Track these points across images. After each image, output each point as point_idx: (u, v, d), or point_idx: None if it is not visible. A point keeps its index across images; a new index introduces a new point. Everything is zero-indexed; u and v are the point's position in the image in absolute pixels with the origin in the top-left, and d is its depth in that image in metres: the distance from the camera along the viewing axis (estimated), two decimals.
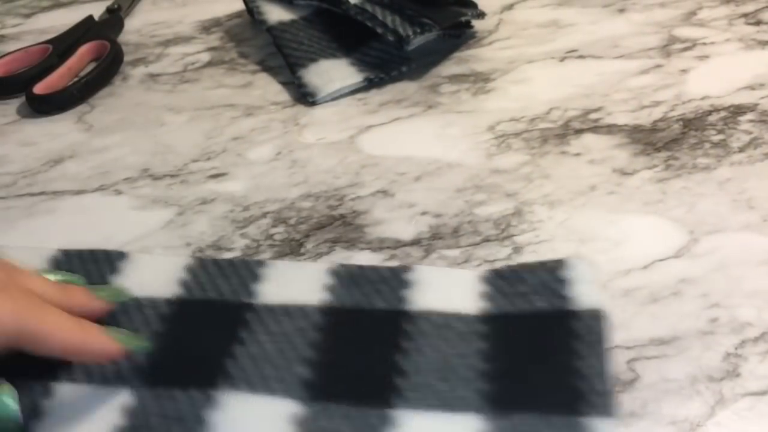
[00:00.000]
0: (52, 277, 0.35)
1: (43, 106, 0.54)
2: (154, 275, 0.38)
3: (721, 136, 0.45)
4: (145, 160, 0.48)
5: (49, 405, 0.32)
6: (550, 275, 0.36)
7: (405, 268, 0.37)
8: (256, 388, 0.32)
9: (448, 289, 0.36)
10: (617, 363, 0.33)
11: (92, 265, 0.39)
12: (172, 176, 0.46)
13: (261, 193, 0.44)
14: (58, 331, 0.30)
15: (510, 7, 0.61)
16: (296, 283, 0.37)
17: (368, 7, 0.54)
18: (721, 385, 0.31)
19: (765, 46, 0.53)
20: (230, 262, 0.38)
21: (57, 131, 0.52)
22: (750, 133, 0.45)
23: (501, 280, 0.36)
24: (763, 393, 0.31)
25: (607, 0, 0.61)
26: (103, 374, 0.33)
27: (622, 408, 0.31)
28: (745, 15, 0.57)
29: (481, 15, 0.55)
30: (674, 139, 0.45)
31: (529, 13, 0.60)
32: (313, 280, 0.37)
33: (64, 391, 0.32)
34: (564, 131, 0.47)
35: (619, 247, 0.38)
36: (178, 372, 0.33)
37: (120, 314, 0.36)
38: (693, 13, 0.58)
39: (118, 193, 0.45)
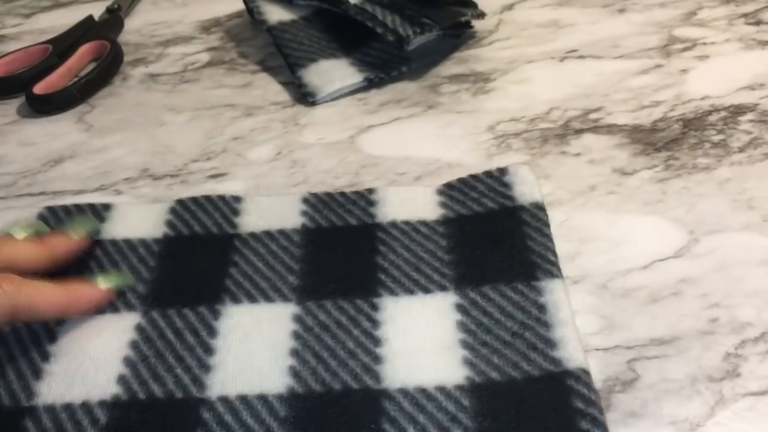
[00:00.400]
0: (21, 232, 0.38)
1: (43, 106, 0.54)
2: (141, 219, 0.41)
3: (721, 136, 0.45)
4: (145, 160, 0.48)
5: (62, 330, 0.35)
6: (495, 181, 0.42)
7: (370, 190, 0.42)
8: (255, 298, 0.36)
9: (410, 202, 0.42)
10: (617, 363, 0.33)
11: (79, 215, 0.42)
12: (172, 176, 0.46)
13: (261, 193, 0.44)
14: (46, 300, 0.34)
15: (510, 7, 0.61)
16: (274, 212, 0.41)
17: (368, 7, 0.54)
18: (721, 385, 0.31)
19: (765, 46, 0.53)
20: (209, 198, 0.42)
21: (57, 131, 0.52)
22: (750, 133, 0.45)
23: (454, 190, 0.42)
24: (763, 393, 0.31)
25: (607, 0, 0.61)
26: (111, 304, 0.37)
27: (622, 408, 0.31)
28: (745, 15, 0.57)
29: (481, 15, 0.55)
30: (674, 139, 0.45)
31: (529, 13, 0.60)
32: (289, 208, 0.42)
33: (75, 322, 0.36)
34: (564, 131, 0.47)
35: (619, 247, 0.38)
36: (182, 295, 0.37)
37: (115, 255, 0.39)
38: (693, 13, 0.58)
39: (118, 193, 0.45)
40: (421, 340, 0.34)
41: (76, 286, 0.36)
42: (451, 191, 0.42)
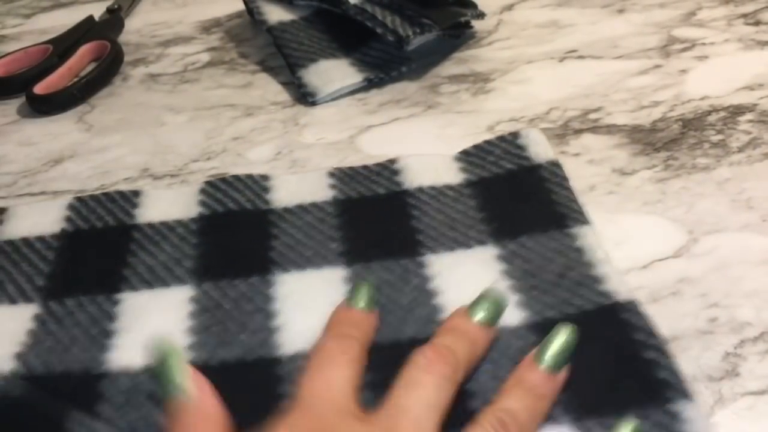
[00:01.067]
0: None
1: (44, 106, 0.54)
2: (173, 202, 0.43)
3: (720, 137, 0.45)
4: (145, 160, 0.48)
5: (120, 310, 0.36)
6: (509, 144, 0.44)
7: (392, 161, 0.44)
8: (303, 266, 0.38)
9: (432, 169, 0.43)
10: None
11: (112, 205, 0.42)
12: (172, 176, 0.46)
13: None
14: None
15: (510, 7, 0.62)
16: (303, 188, 0.43)
17: (368, 7, 0.54)
18: (720, 385, 0.31)
19: (764, 46, 0.53)
20: (237, 177, 0.43)
21: (57, 131, 0.52)
22: (749, 133, 0.45)
23: (471, 155, 0.44)
24: (762, 392, 0.31)
25: (606, 0, 0.61)
26: (160, 277, 0.38)
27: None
28: (744, 15, 0.57)
29: (480, 15, 0.56)
30: (673, 140, 0.45)
31: (528, 13, 0.60)
32: (317, 182, 0.43)
33: (129, 297, 0.37)
34: (563, 131, 0.47)
35: (619, 247, 0.38)
36: (230, 268, 0.38)
37: (155, 237, 0.40)
38: (692, 14, 0.58)
39: None
40: (474, 289, 0.34)
41: None
42: (468, 157, 0.44)
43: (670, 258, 0.37)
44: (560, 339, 0.30)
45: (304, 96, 0.52)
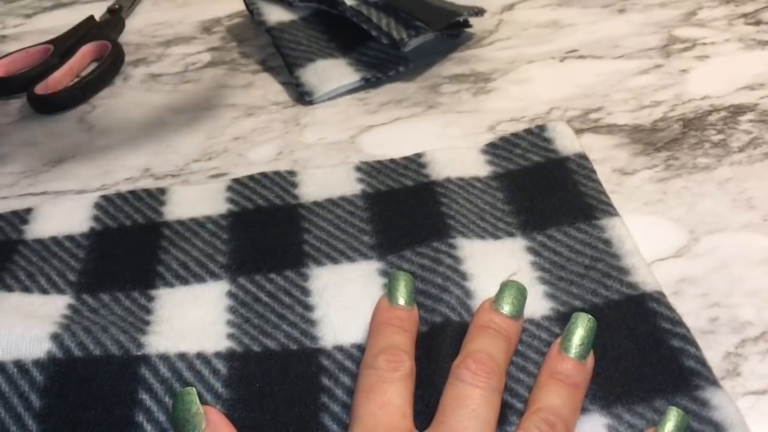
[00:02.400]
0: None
1: (45, 106, 0.54)
2: (201, 199, 0.43)
3: (721, 136, 0.45)
4: (146, 160, 0.48)
5: (156, 306, 0.36)
6: (536, 137, 0.45)
7: (418, 154, 0.44)
8: (337, 259, 0.38)
9: (459, 161, 0.43)
10: None
11: (139, 203, 0.43)
12: (173, 176, 0.46)
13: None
14: None
15: (510, 7, 0.62)
16: (331, 182, 0.43)
17: (363, 9, 0.54)
18: (721, 385, 0.31)
19: (765, 46, 0.53)
20: (264, 174, 0.44)
21: (58, 131, 0.52)
22: (750, 133, 0.45)
23: (498, 148, 0.44)
24: (763, 392, 0.31)
25: (607, 0, 0.61)
26: (195, 273, 0.38)
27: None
28: (744, 15, 0.57)
29: (479, 12, 0.55)
30: (674, 139, 0.45)
31: (529, 13, 0.60)
32: (344, 176, 0.43)
33: (164, 293, 0.37)
34: None
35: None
36: (264, 262, 0.38)
37: (186, 233, 0.40)
38: (693, 14, 0.58)
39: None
40: (502, 277, 0.35)
41: None
42: (495, 150, 0.44)
43: (670, 258, 0.37)
44: (583, 326, 0.30)
45: (301, 95, 0.52)
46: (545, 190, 0.41)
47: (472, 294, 0.35)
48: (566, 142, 0.44)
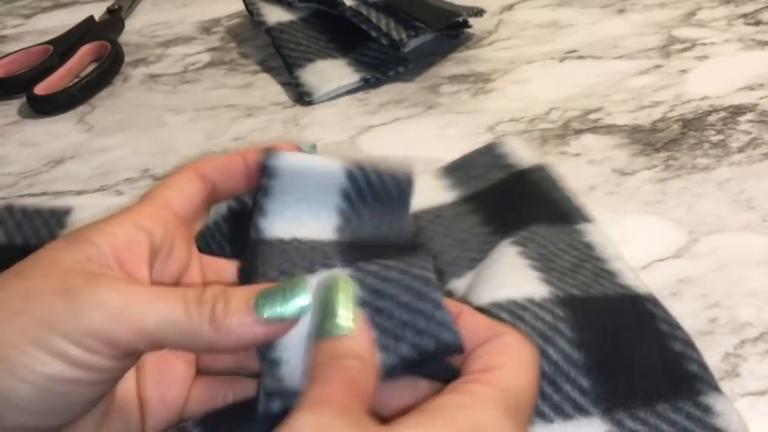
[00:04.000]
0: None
1: (44, 107, 0.54)
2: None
3: (720, 137, 0.45)
4: (145, 161, 0.48)
5: None
6: (490, 155, 0.44)
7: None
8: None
9: (419, 193, 0.36)
10: None
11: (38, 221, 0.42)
12: None
13: None
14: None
15: (510, 7, 0.62)
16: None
17: (363, 10, 0.54)
18: (720, 385, 0.31)
19: (764, 46, 0.53)
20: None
21: (58, 132, 0.52)
22: (749, 133, 0.45)
23: (454, 171, 0.43)
24: (762, 393, 0.31)
25: (606, 0, 0.61)
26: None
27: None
28: (744, 15, 0.57)
29: (479, 13, 0.55)
30: (674, 140, 0.45)
31: (529, 13, 0.60)
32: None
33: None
34: (564, 131, 0.47)
35: (619, 247, 0.38)
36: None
37: None
38: (692, 14, 0.58)
39: (119, 193, 0.45)
40: (491, 270, 0.35)
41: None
42: (451, 174, 0.43)
43: (670, 258, 0.37)
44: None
45: (301, 95, 0.52)
46: (517, 202, 0.40)
47: (471, 300, 0.34)
48: (522, 154, 0.43)
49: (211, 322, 0.24)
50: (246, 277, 0.28)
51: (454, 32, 0.57)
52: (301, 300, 0.25)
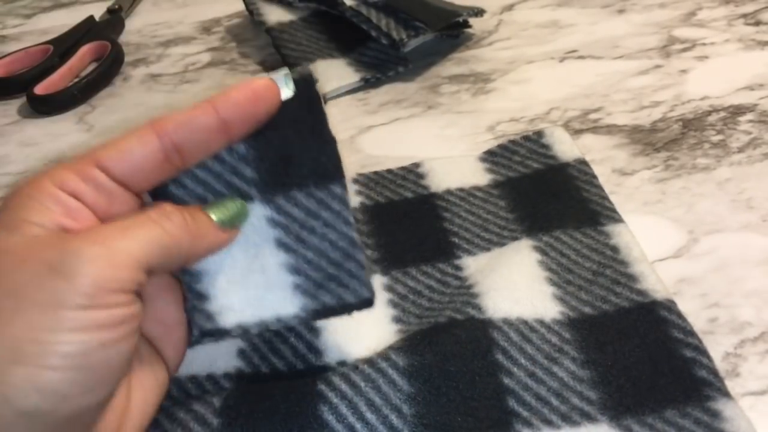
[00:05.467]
0: None
1: (44, 107, 0.54)
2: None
3: (720, 137, 0.45)
4: None
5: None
6: (534, 143, 0.44)
7: (416, 164, 0.44)
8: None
9: (457, 171, 0.43)
10: None
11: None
12: None
13: None
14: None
15: (510, 7, 0.62)
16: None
17: (363, 10, 0.54)
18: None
19: (764, 46, 0.53)
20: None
21: (58, 131, 0.52)
22: (749, 133, 0.45)
23: (496, 156, 0.44)
24: (762, 392, 0.31)
25: (606, 0, 0.61)
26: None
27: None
28: (744, 15, 0.57)
29: (479, 13, 0.55)
30: (674, 140, 0.45)
31: (528, 13, 0.60)
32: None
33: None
34: None
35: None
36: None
37: None
38: (692, 14, 0.58)
39: None
40: (509, 274, 0.35)
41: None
42: (493, 157, 0.44)
43: (670, 258, 0.37)
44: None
45: None
46: (548, 196, 0.40)
47: (478, 294, 0.35)
48: (565, 147, 0.43)
49: (187, 233, 0.26)
50: (158, 196, 0.29)
51: (454, 32, 0.57)
52: (241, 211, 0.29)
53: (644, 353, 0.32)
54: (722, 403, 0.30)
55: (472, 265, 0.37)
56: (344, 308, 0.29)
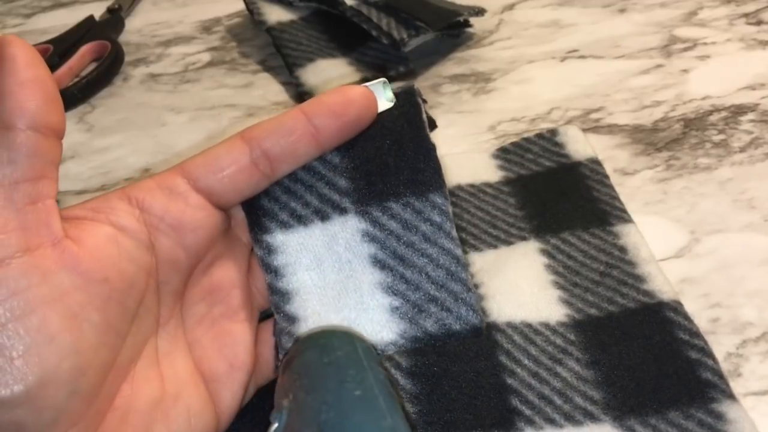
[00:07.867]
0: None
1: None
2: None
3: (722, 136, 0.45)
4: (146, 161, 0.48)
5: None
6: (547, 141, 0.44)
7: None
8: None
9: (469, 167, 0.43)
10: None
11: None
12: None
13: None
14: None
15: (510, 7, 0.61)
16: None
17: (364, 9, 0.54)
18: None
19: (766, 46, 0.53)
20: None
21: None
22: (751, 133, 0.45)
23: (509, 153, 0.44)
24: (764, 393, 0.31)
25: (607, 0, 0.61)
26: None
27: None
28: (745, 15, 0.57)
29: (480, 12, 0.55)
30: (675, 139, 0.45)
31: (529, 13, 0.60)
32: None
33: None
34: None
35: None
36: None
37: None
38: (694, 13, 0.58)
39: None
40: (515, 279, 0.35)
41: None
42: (506, 155, 0.44)
43: (671, 258, 0.37)
44: None
45: (301, 95, 0.52)
46: (558, 194, 0.40)
47: (483, 296, 0.35)
48: (578, 146, 0.43)
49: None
50: (249, 209, 0.29)
51: (454, 32, 0.57)
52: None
53: (649, 354, 0.32)
54: (726, 405, 0.29)
55: (479, 261, 0.37)
56: (449, 336, 0.27)
